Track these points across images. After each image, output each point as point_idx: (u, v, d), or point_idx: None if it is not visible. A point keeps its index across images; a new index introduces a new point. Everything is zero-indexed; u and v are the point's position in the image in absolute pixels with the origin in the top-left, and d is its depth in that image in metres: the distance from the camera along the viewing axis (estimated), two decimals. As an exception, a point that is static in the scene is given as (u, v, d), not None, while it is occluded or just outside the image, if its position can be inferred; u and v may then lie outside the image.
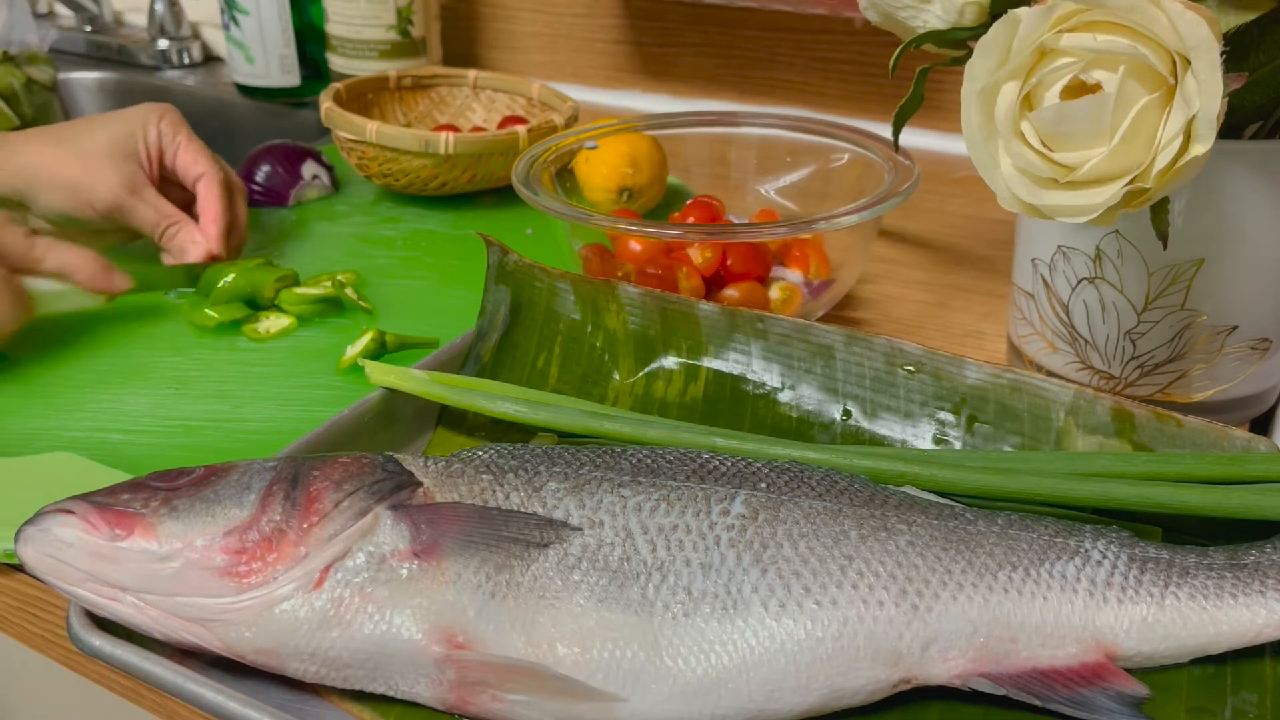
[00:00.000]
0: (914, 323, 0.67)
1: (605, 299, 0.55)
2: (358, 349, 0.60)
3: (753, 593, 0.37)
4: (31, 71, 1.07)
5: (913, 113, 0.51)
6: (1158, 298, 0.50)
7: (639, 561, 0.37)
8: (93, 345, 0.63)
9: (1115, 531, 0.40)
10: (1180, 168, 0.39)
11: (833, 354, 0.52)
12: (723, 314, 0.54)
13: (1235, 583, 0.38)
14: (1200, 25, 0.37)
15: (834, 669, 0.36)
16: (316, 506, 0.37)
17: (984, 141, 0.42)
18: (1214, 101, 0.37)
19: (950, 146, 0.96)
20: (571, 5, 1.10)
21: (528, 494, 0.39)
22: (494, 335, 0.56)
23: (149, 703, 0.42)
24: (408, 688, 0.36)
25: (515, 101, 0.93)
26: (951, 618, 0.37)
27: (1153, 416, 0.46)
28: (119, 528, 0.36)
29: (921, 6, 0.49)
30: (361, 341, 0.60)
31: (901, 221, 0.83)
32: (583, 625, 0.36)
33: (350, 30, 1.02)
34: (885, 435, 0.50)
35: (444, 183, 0.81)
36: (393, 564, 0.36)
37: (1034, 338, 0.56)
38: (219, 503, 0.37)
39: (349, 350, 0.61)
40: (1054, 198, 0.41)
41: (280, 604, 0.35)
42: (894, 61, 0.51)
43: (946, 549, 0.39)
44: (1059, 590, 0.38)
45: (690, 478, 0.41)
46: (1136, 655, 0.38)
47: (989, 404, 0.49)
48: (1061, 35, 0.39)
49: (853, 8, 0.90)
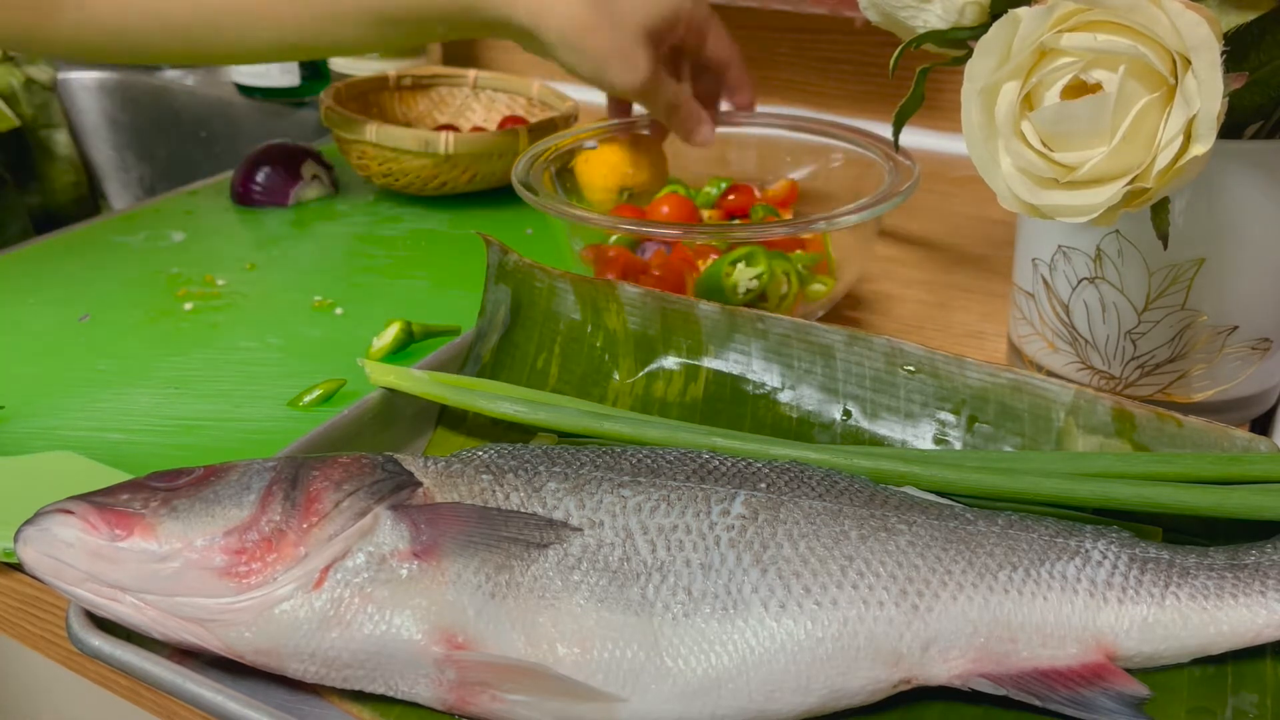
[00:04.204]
0: (914, 323, 0.67)
1: (605, 299, 0.55)
2: (386, 340, 0.61)
3: (753, 593, 0.37)
4: (31, 71, 1.07)
5: (913, 113, 0.51)
6: (1158, 298, 0.50)
7: (639, 562, 0.37)
8: (93, 345, 0.63)
9: (1115, 531, 0.40)
10: (1180, 168, 0.39)
11: (833, 354, 0.52)
12: (723, 314, 0.54)
13: (1235, 583, 0.38)
14: (1200, 25, 0.37)
15: (834, 669, 0.36)
16: (316, 507, 0.37)
17: (984, 141, 0.42)
18: (1214, 101, 0.37)
19: (950, 146, 0.95)
20: (571, 5, 1.10)
21: (528, 494, 0.39)
22: (494, 335, 0.56)
23: (149, 703, 0.42)
24: (408, 688, 0.36)
25: (515, 101, 0.93)
26: (952, 618, 0.37)
27: (1153, 416, 0.46)
28: (119, 528, 0.36)
29: (921, 6, 0.49)
30: (390, 332, 0.61)
31: (901, 221, 0.83)
32: (583, 625, 0.36)
33: (350, 30, 1.02)
34: (885, 436, 0.50)
35: (444, 183, 0.81)
36: (392, 564, 0.36)
37: (1034, 338, 0.56)
38: (219, 503, 0.37)
39: (376, 342, 0.61)
40: (1054, 198, 0.41)
41: (280, 604, 0.35)
42: (894, 61, 0.51)
43: (947, 549, 0.39)
44: (1059, 590, 0.38)
45: (690, 478, 0.41)
46: (1137, 655, 0.38)
47: (989, 404, 0.49)
48: (1061, 35, 0.39)
49: (853, 8, 0.90)
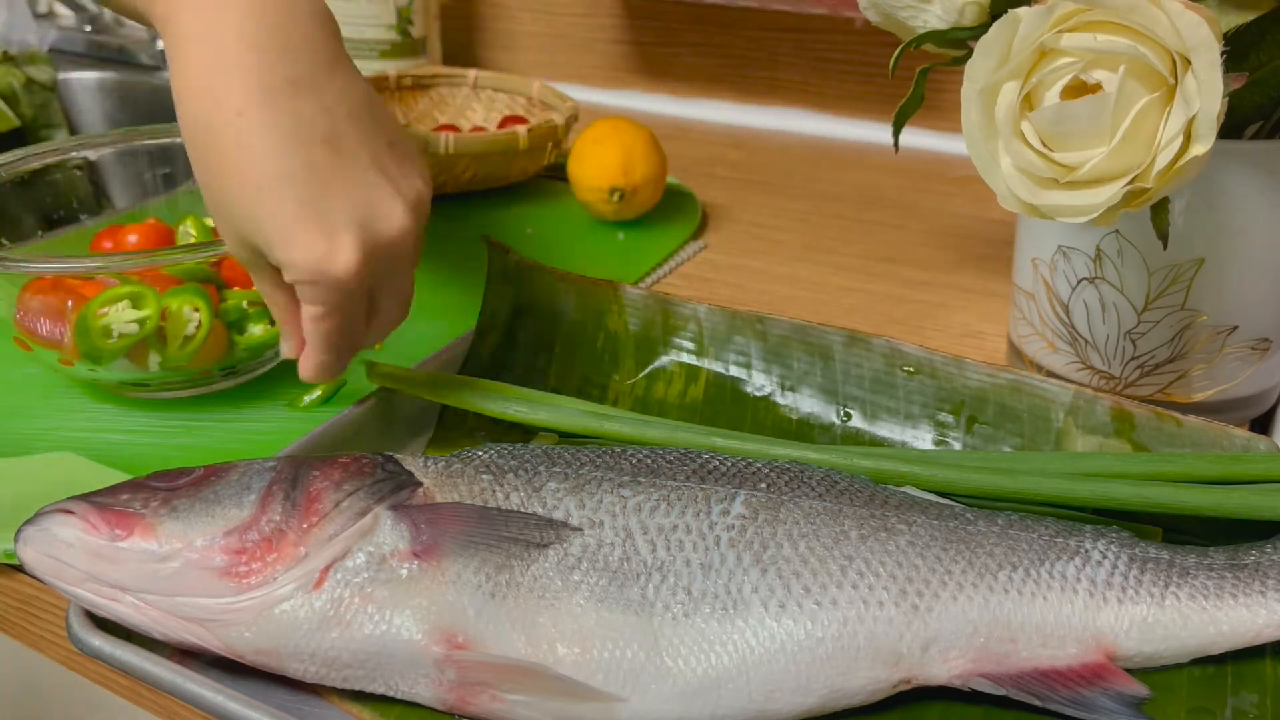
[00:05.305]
0: (914, 323, 0.67)
1: (606, 300, 0.55)
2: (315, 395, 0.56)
3: (753, 593, 0.37)
4: (31, 71, 1.07)
5: (913, 113, 0.51)
6: (1158, 298, 0.50)
7: (639, 561, 0.37)
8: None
9: (1115, 531, 0.40)
10: (1180, 168, 0.39)
11: (832, 355, 0.52)
12: (723, 316, 0.54)
13: (1235, 583, 0.38)
14: (1200, 25, 0.37)
15: (834, 669, 0.36)
16: (316, 507, 0.37)
17: (984, 141, 0.42)
18: (1214, 101, 0.37)
19: (950, 146, 0.95)
20: (571, 5, 1.10)
21: (528, 494, 0.39)
22: (494, 335, 0.56)
23: (149, 703, 0.42)
24: (408, 688, 0.36)
25: (515, 101, 0.93)
26: (951, 618, 0.37)
27: (1152, 416, 0.46)
28: (119, 528, 0.36)
29: (921, 6, 0.49)
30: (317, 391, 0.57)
31: (902, 221, 0.83)
32: (583, 625, 0.36)
33: (350, 30, 1.02)
34: (885, 437, 0.50)
35: (444, 183, 0.81)
36: (393, 564, 0.36)
37: (1034, 338, 0.56)
38: (219, 503, 0.37)
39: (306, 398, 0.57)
40: (1054, 198, 0.41)
41: (280, 604, 0.35)
42: (894, 61, 0.51)
43: (947, 549, 0.39)
44: (1059, 590, 0.38)
45: (690, 478, 0.41)
46: (1137, 655, 0.38)
47: (988, 405, 0.49)
48: (1061, 35, 0.39)
49: (853, 8, 0.90)
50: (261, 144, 0.41)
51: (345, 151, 0.42)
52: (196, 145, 0.42)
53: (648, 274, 0.73)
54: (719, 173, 0.92)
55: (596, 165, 0.76)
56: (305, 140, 0.41)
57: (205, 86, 0.41)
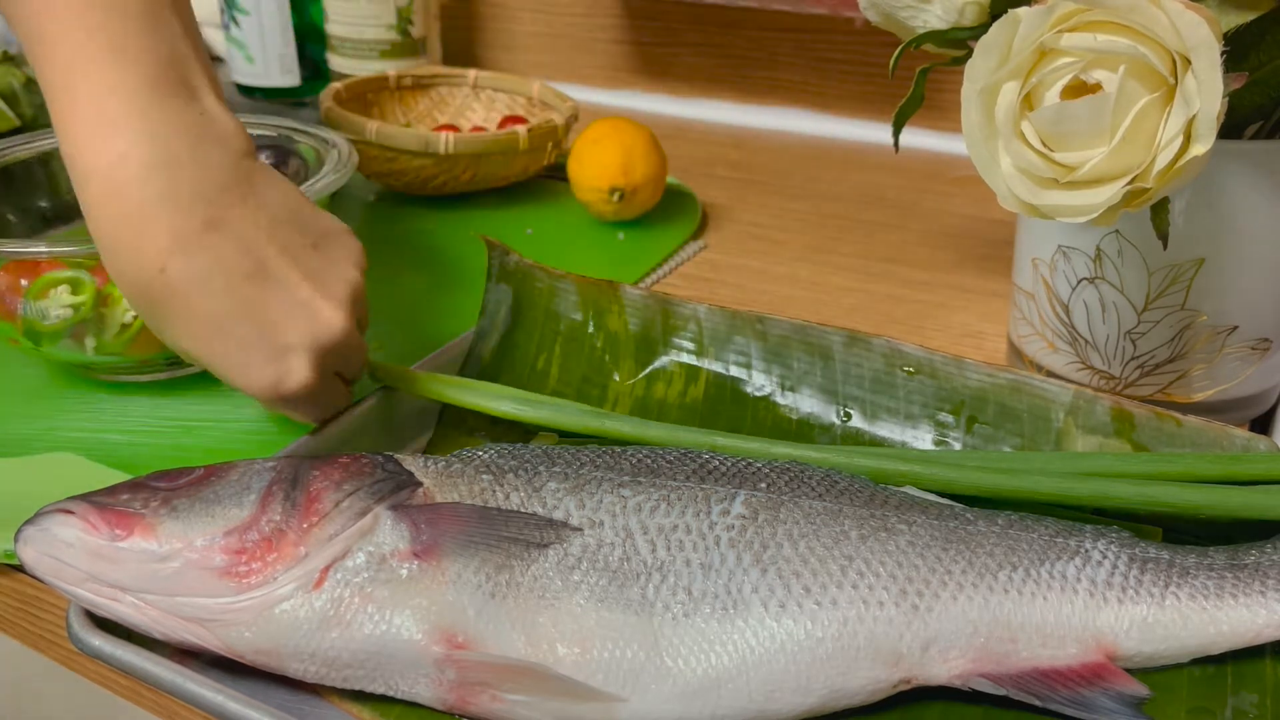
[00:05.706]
0: (914, 323, 0.67)
1: (607, 300, 0.55)
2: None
3: (753, 593, 0.37)
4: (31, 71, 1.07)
5: (913, 113, 0.51)
6: (1158, 298, 0.50)
7: (639, 561, 0.37)
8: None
9: (1115, 531, 0.40)
10: (1180, 168, 0.39)
11: (832, 355, 0.52)
12: (723, 316, 0.54)
13: (1235, 583, 0.38)
14: (1200, 25, 0.37)
15: (834, 669, 0.36)
16: (316, 506, 0.37)
17: (984, 141, 0.42)
18: (1214, 101, 0.37)
19: (950, 146, 0.95)
20: (571, 5, 1.10)
21: (528, 494, 0.39)
22: (494, 335, 0.56)
23: (149, 703, 0.42)
24: (408, 688, 0.36)
25: (515, 101, 0.93)
26: (951, 618, 0.37)
27: (1152, 416, 0.46)
28: (119, 528, 0.36)
29: (921, 6, 0.49)
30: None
31: (901, 221, 0.83)
32: (583, 625, 0.36)
33: (350, 30, 1.02)
34: (885, 437, 0.50)
35: (444, 183, 0.81)
36: (393, 564, 0.36)
37: (1034, 338, 0.56)
38: (219, 503, 0.37)
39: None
40: (1054, 198, 0.41)
41: (280, 604, 0.35)
42: (894, 61, 0.51)
43: (947, 549, 0.39)
44: (1059, 590, 0.38)
45: (690, 478, 0.41)
46: (1137, 655, 0.38)
47: (988, 405, 0.49)
48: (1061, 35, 0.39)
49: (853, 8, 0.90)
50: (190, 297, 0.42)
51: (272, 278, 0.43)
52: (132, 298, 0.43)
53: (648, 274, 0.73)
54: (719, 173, 0.92)
55: (596, 165, 0.76)
56: (231, 283, 0.42)
57: (125, 240, 0.41)
